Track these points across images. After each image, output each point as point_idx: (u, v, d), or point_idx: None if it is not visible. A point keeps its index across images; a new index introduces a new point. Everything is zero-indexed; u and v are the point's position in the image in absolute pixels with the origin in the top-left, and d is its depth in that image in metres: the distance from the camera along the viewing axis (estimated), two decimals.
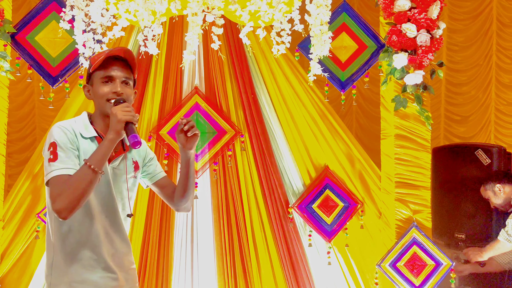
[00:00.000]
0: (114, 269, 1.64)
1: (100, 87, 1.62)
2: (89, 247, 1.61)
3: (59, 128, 1.60)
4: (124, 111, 1.51)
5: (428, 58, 2.49)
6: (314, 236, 2.84)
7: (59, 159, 1.54)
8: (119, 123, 1.50)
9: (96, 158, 1.50)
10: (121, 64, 1.63)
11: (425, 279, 2.57)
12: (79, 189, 1.49)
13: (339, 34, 2.71)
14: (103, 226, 1.63)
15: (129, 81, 1.64)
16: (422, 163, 2.67)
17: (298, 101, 2.82)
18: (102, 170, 1.51)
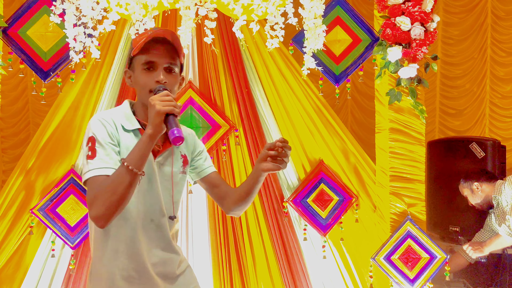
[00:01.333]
0: (156, 280, 1.48)
1: (141, 75, 1.43)
2: (128, 255, 1.46)
3: (98, 121, 1.42)
4: (164, 101, 1.31)
5: (422, 52, 2.48)
6: (309, 230, 2.85)
7: (97, 156, 1.37)
8: (158, 116, 1.30)
9: (134, 157, 1.32)
10: (165, 48, 1.43)
11: (419, 272, 2.58)
12: (116, 194, 1.31)
13: (333, 28, 2.70)
14: (145, 231, 1.47)
15: (174, 67, 1.45)
16: (417, 156, 2.66)
17: (292, 95, 2.82)
18: (142, 170, 1.34)
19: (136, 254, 1.46)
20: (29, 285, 2.66)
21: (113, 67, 2.67)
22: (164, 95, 1.33)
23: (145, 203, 1.47)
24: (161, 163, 1.49)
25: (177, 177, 1.53)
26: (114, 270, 1.47)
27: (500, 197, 2.89)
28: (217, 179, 1.65)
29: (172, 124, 1.30)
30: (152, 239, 1.49)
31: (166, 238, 1.52)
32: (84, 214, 2.66)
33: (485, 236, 3.05)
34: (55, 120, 2.66)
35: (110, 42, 2.63)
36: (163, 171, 1.49)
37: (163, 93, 1.34)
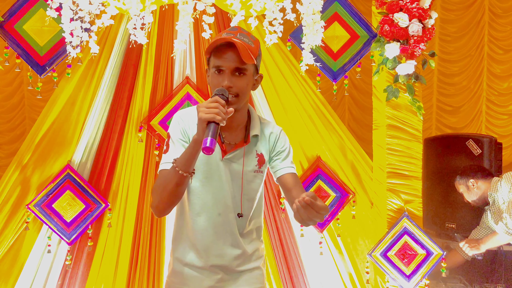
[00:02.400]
0: (216, 270, 1.59)
1: (212, 77, 1.50)
2: (193, 244, 1.58)
3: (175, 118, 1.55)
4: (208, 108, 1.34)
5: (420, 48, 2.48)
6: (306, 227, 2.85)
7: (169, 151, 1.50)
8: (200, 123, 1.35)
9: (182, 159, 1.42)
10: (233, 52, 1.45)
11: (416, 268, 2.59)
12: (166, 190, 1.44)
13: (331, 24, 2.69)
14: (212, 224, 1.56)
15: (242, 70, 1.48)
16: (414, 153, 2.67)
17: (290, 91, 2.81)
18: (191, 171, 1.42)
19: (200, 244, 1.57)
20: (25, 281, 2.65)
21: (110, 62, 2.64)
22: (211, 102, 1.36)
23: (212, 198, 1.55)
24: (231, 161, 1.55)
25: (249, 176, 1.57)
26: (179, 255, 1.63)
27: (496, 194, 2.90)
28: (290, 182, 1.61)
29: (208, 133, 1.31)
30: (218, 232, 1.57)
31: (232, 234, 1.59)
32: (81, 209, 2.65)
33: (481, 233, 3.06)
34: (51, 115, 2.64)
35: (107, 36, 2.61)
36: (233, 169, 1.55)
37: (210, 100, 1.37)
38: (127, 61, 2.68)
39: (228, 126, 1.54)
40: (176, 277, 1.64)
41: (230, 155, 1.54)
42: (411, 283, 2.58)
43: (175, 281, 1.64)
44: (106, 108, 2.71)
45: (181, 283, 1.63)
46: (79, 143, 2.68)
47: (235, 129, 1.58)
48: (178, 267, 1.63)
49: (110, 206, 2.69)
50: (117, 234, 2.72)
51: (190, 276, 1.61)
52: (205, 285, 1.61)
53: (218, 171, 1.54)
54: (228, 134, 1.57)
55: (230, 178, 1.55)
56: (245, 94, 1.52)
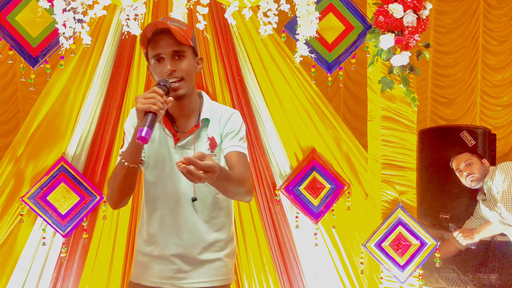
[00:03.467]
0: (173, 260, 1.60)
1: (154, 68, 1.53)
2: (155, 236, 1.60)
3: (131, 113, 1.61)
4: (145, 98, 1.37)
5: (414, 39, 2.48)
6: (301, 218, 2.86)
7: (124, 146, 1.55)
8: (138, 113, 1.37)
9: (127, 151, 1.45)
10: (167, 37, 1.48)
11: (409, 259, 2.60)
12: (116, 183, 1.48)
13: (326, 15, 2.68)
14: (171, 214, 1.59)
15: (181, 52, 1.51)
16: (408, 144, 2.67)
17: (284, 82, 2.80)
18: (137, 162, 1.45)
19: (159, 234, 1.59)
20: (20, 273, 2.65)
21: (103, 53, 2.62)
22: (149, 92, 1.39)
23: (168, 187, 1.57)
24: (184, 147, 1.57)
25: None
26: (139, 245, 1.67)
27: (492, 182, 2.91)
28: (233, 160, 1.59)
29: (145, 123, 1.32)
30: (177, 220, 1.59)
31: (190, 221, 1.59)
32: (75, 202, 2.64)
33: (475, 223, 3.08)
34: (44, 107, 2.62)
35: (100, 27, 2.59)
36: (184, 155, 1.49)
37: (149, 90, 1.39)
38: (121, 53, 2.67)
39: (181, 114, 1.58)
40: (138, 267, 1.68)
41: (183, 142, 1.57)
42: (405, 273, 2.60)
43: (138, 272, 1.68)
44: (100, 100, 2.69)
45: (142, 274, 1.65)
46: (73, 136, 2.67)
47: (189, 117, 1.61)
48: (139, 258, 1.67)
49: (105, 198, 2.69)
50: (112, 226, 2.72)
51: (150, 266, 1.62)
52: (164, 275, 1.61)
53: (171, 160, 1.56)
54: (182, 123, 1.60)
55: None
56: (190, 77, 1.54)
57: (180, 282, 1.60)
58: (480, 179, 2.94)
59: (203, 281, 1.61)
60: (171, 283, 1.61)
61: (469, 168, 2.97)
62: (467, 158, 3.00)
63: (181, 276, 1.60)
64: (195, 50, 1.58)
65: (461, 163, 3.01)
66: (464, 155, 3.03)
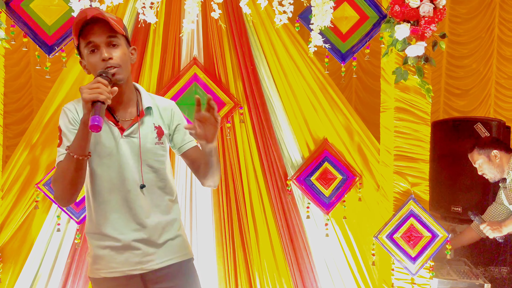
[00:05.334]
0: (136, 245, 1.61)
1: (89, 58, 1.52)
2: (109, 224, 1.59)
3: (63, 110, 1.58)
4: (90, 89, 1.37)
5: (430, 29, 2.45)
6: (312, 208, 2.86)
7: (62, 144, 1.53)
8: (85, 103, 1.37)
9: (74, 144, 1.43)
10: (98, 26, 1.49)
11: (421, 250, 2.60)
12: (66, 178, 1.45)
13: (341, 4, 2.65)
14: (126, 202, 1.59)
15: (114, 40, 1.51)
16: (422, 136, 2.66)
17: (297, 73, 2.79)
18: (86, 154, 1.44)
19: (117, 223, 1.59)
20: (35, 259, 2.70)
21: None
22: (93, 83, 1.39)
23: (118, 176, 1.58)
24: (131, 136, 1.58)
25: (150, 148, 1.61)
26: (95, 240, 1.63)
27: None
28: (195, 154, 1.70)
29: (95, 112, 1.34)
30: (132, 208, 1.60)
31: (146, 206, 1.62)
32: None
33: (497, 209, 2.97)
34: (59, 95, 2.65)
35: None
36: (133, 144, 1.58)
37: (93, 81, 1.40)
38: (135, 41, 2.67)
39: (119, 102, 1.59)
40: (99, 263, 1.64)
41: (129, 130, 1.58)
42: (416, 265, 2.60)
43: (100, 267, 1.64)
44: None
45: (107, 267, 1.62)
46: None
47: (127, 105, 1.62)
48: (99, 252, 1.63)
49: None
50: None
51: (114, 257, 1.61)
52: (131, 262, 1.61)
53: (118, 149, 1.56)
54: (122, 112, 1.61)
55: (131, 153, 1.58)
56: (126, 64, 1.55)
57: (148, 265, 1.63)
58: (493, 178, 2.89)
59: (169, 258, 1.67)
60: (139, 268, 1.62)
61: (480, 169, 2.93)
62: (474, 158, 2.94)
63: (148, 259, 1.63)
64: (128, 40, 1.60)
65: (473, 163, 2.97)
66: (472, 154, 2.95)
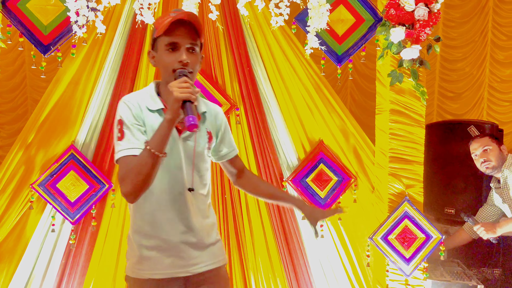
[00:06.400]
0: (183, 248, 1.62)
1: (164, 55, 1.52)
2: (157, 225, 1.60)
3: (124, 103, 1.55)
4: (181, 88, 1.39)
5: (425, 33, 2.47)
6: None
7: (125, 137, 1.50)
8: (176, 102, 1.39)
9: (155, 140, 1.43)
10: (187, 29, 1.51)
11: (415, 252, 2.62)
12: (141, 174, 1.44)
13: (337, 7, 2.66)
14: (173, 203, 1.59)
15: (195, 47, 1.54)
16: (416, 138, 2.68)
17: (294, 74, 2.80)
18: (164, 152, 1.45)
19: (163, 224, 1.59)
20: (29, 260, 2.68)
21: (114, 42, 2.63)
22: (182, 82, 1.40)
23: (172, 177, 1.58)
24: (186, 139, 1.59)
25: (201, 153, 1.63)
26: (142, 240, 1.62)
27: (509, 171, 2.79)
28: (238, 162, 1.78)
29: (188, 111, 1.35)
30: (182, 210, 1.60)
31: (194, 209, 1.63)
32: (84, 190, 2.67)
33: (488, 211, 2.99)
34: (55, 95, 2.64)
35: (112, 16, 2.59)
36: (187, 147, 1.59)
37: (182, 80, 1.41)
38: (132, 42, 2.67)
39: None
40: (144, 264, 1.63)
41: (186, 133, 1.58)
42: (411, 266, 2.61)
43: (145, 268, 1.63)
44: (110, 88, 2.71)
45: (153, 268, 1.62)
46: (83, 124, 2.68)
47: None
48: (145, 253, 1.62)
49: (113, 187, 2.71)
50: (120, 214, 2.74)
51: (160, 259, 1.61)
52: (177, 264, 1.62)
53: (176, 150, 1.56)
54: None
55: (185, 156, 1.59)
56: (196, 72, 1.57)
57: (193, 268, 1.64)
58: (496, 167, 2.82)
59: (212, 262, 1.69)
60: (184, 270, 1.63)
61: (486, 155, 2.83)
62: (486, 143, 2.85)
63: (193, 262, 1.64)
64: (202, 48, 1.63)
65: (479, 148, 2.87)
66: (484, 139, 2.87)
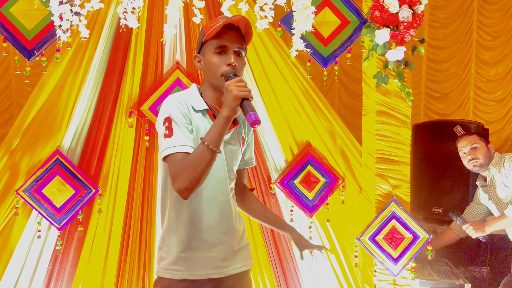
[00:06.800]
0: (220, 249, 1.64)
1: (212, 58, 1.56)
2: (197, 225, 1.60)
3: (173, 102, 1.56)
4: (240, 87, 1.43)
5: (409, 34, 2.49)
6: (296, 211, 2.88)
7: (174, 135, 1.51)
8: (235, 100, 1.42)
9: (212, 136, 1.45)
10: (235, 33, 1.56)
11: (403, 252, 2.64)
12: (198, 169, 1.45)
13: (322, 9, 2.68)
14: (215, 203, 1.61)
15: (242, 51, 1.58)
16: (402, 139, 2.69)
17: (280, 77, 2.81)
18: (219, 148, 1.47)
19: (203, 224, 1.60)
20: (16, 266, 2.66)
21: (99, 46, 2.62)
22: (238, 81, 1.44)
23: (216, 177, 1.60)
24: (226, 142, 1.62)
25: (236, 155, 1.68)
26: (180, 240, 1.62)
27: (497, 171, 2.80)
28: (245, 173, 1.81)
29: (248, 109, 1.41)
30: (222, 211, 1.63)
31: (232, 211, 1.66)
32: (70, 195, 2.65)
33: (474, 209, 3.00)
34: (39, 100, 2.62)
35: (96, 20, 2.58)
36: (229, 149, 1.64)
37: (237, 79, 1.45)
38: (117, 46, 2.66)
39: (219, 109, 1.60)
40: (181, 264, 1.62)
41: (228, 135, 1.61)
42: (398, 266, 2.63)
43: (182, 269, 1.63)
44: (95, 93, 2.69)
45: (190, 269, 1.62)
46: (68, 128, 2.67)
47: None
48: (181, 254, 1.62)
49: (100, 191, 2.69)
50: (107, 219, 2.72)
51: (198, 260, 1.62)
52: (213, 265, 1.63)
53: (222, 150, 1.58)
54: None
55: (225, 158, 1.62)
56: (241, 75, 1.60)
57: (227, 269, 1.66)
58: (483, 165, 2.82)
59: (243, 265, 1.72)
60: (219, 272, 1.65)
61: (474, 153, 2.84)
62: (474, 141, 2.86)
63: (227, 264, 1.66)
64: (246, 53, 1.65)
65: (467, 146, 2.87)
66: (473, 137, 2.88)
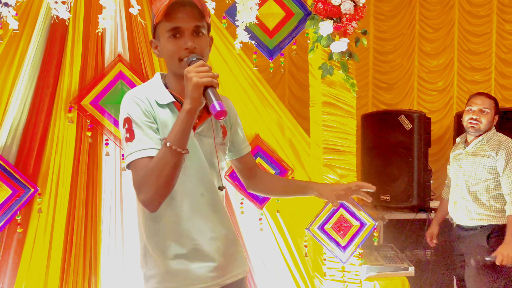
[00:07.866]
0: (213, 256, 1.41)
1: (167, 43, 1.32)
2: (183, 233, 1.38)
3: (131, 99, 1.33)
4: (201, 72, 1.21)
5: (352, 26, 2.53)
6: (246, 204, 2.87)
7: (136, 137, 1.29)
8: (196, 89, 1.20)
9: (175, 135, 1.24)
10: (189, 9, 1.30)
11: (350, 239, 2.70)
12: (162, 176, 1.24)
13: (267, 1, 2.67)
14: (197, 207, 1.39)
15: (201, 29, 1.33)
16: (348, 129, 2.74)
17: (227, 69, 2.78)
18: (186, 148, 1.25)
19: (189, 232, 1.39)
20: None
21: (33, 38, 2.48)
22: (199, 66, 1.23)
23: (192, 179, 1.39)
24: (201, 135, 1.40)
25: (219, 148, 1.46)
26: (168, 251, 1.39)
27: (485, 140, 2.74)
28: (250, 160, 1.61)
29: (212, 98, 1.20)
30: (206, 213, 1.41)
31: (218, 212, 1.45)
32: (8, 195, 2.51)
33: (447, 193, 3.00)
34: None
35: (29, 12, 2.44)
36: (204, 143, 1.41)
37: (199, 64, 1.23)
38: (53, 38, 2.53)
39: None
40: (172, 280, 1.41)
41: (200, 128, 1.40)
42: (346, 253, 2.69)
43: (174, 285, 1.41)
44: (31, 87, 2.56)
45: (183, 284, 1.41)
46: (3, 125, 2.51)
47: None
48: (172, 266, 1.40)
49: (39, 191, 2.57)
50: (48, 219, 2.60)
51: (189, 270, 1.40)
52: (208, 276, 1.42)
53: (193, 148, 1.36)
54: None
55: (203, 153, 1.41)
56: (207, 57, 1.38)
57: (224, 279, 1.45)
58: (479, 131, 2.74)
59: (239, 272, 1.52)
60: (216, 283, 1.43)
61: (480, 115, 2.73)
62: (488, 105, 2.74)
63: (223, 273, 1.45)
64: (209, 28, 1.42)
65: (479, 105, 2.75)
66: (489, 101, 2.76)
